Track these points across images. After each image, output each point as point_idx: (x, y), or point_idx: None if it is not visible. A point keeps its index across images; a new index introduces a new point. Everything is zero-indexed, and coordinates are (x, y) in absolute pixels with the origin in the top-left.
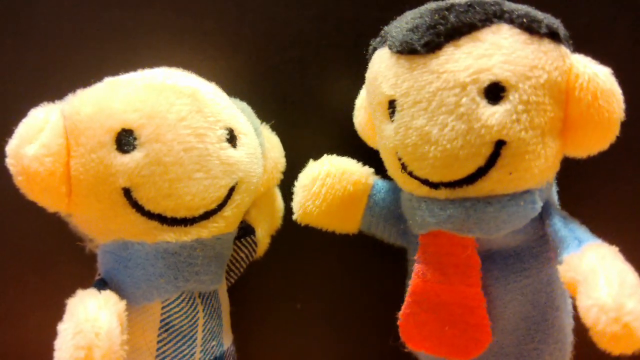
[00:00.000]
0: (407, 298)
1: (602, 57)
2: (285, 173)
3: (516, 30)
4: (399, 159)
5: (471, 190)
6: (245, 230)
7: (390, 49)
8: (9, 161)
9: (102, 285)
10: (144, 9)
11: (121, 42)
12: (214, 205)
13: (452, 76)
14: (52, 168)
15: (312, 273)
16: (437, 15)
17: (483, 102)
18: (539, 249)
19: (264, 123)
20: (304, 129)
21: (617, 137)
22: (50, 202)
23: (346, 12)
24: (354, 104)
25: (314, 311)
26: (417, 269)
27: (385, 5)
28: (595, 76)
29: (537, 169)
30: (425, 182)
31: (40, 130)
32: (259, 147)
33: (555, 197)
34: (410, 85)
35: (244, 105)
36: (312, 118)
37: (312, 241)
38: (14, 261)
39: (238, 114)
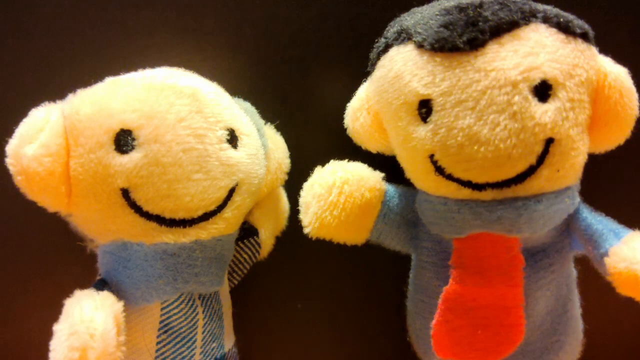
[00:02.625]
0: (440, 306)
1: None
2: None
3: (553, 30)
4: (434, 162)
5: (520, 190)
6: (248, 231)
7: (420, 46)
8: (9, 161)
9: (101, 285)
10: (144, 9)
11: (121, 42)
12: (213, 207)
13: (502, 74)
14: (51, 168)
15: (312, 273)
16: (471, 12)
17: (534, 101)
18: (561, 243)
19: (269, 123)
20: (304, 129)
21: None
22: (49, 202)
23: (346, 12)
24: None
25: (314, 311)
26: (453, 275)
27: (386, 5)
28: (620, 75)
29: (578, 165)
30: (468, 184)
31: (40, 130)
32: (262, 147)
33: None
34: (452, 84)
35: (247, 105)
36: (312, 118)
37: (313, 241)
38: (15, 261)
39: (240, 114)
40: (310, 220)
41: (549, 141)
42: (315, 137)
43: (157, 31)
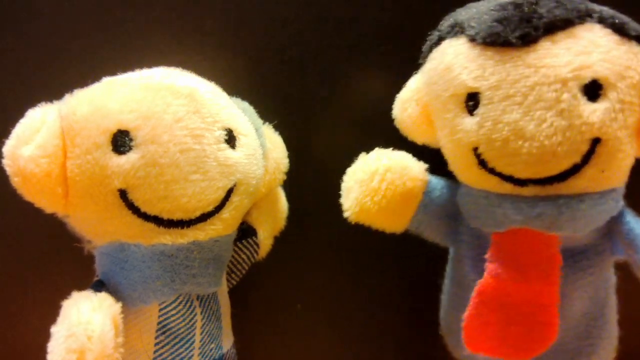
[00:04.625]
0: (474, 299)
1: None
2: (286, 174)
3: (607, 31)
4: (478, 155)
5: (562, 188)
6: (247, 231)
7: (472, 39)
8: (6, 162)
9: (99, 286)
10: (144, 9)
11: (121, 42)
12: (211, 207)
13: (552, 71)
14: (48, 169)
15: (312, 273)
16: (526, 8)
17: (583, 99)
18: (602, 246)
19: (267, 123)
20: (303, 130)
21: None
22: (46, 203)
23: (346, 12)
24: (354, 104)
25: (314, 312)
26: (489, 269)
27: (385, 5)
28: None
29: (625, 168)
30: (509, 178)
31: (37, 131)
32: (260, 147)
33: None
34: (501, 78)
35: (245, 105)
36: (312, 118)
37: (313, 241)
38: (14, 261)
39: (238, 114)
40: (350, 205)
41: (596, 141)
42: (315, 137)
43: (157, 31)
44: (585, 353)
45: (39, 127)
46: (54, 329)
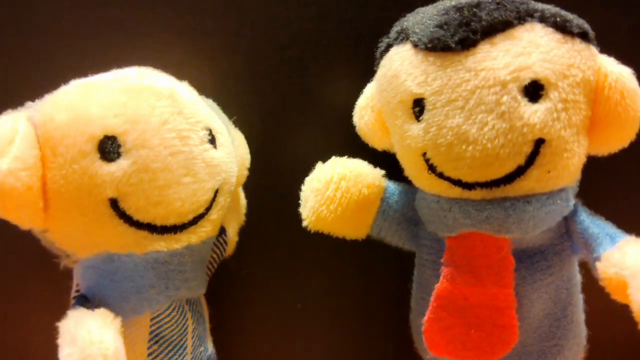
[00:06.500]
0: (432, 303)
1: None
2: (285, 174)
3: (549, 29)
4: (427, 160)
5: (509, 190)
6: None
7: (415, 45)
8: None
9: (84, 302)
10: (144, 9)
11: (121, 41)
12: (202, 210)
13: (492, 74)
14: (29, 182)
15: (312, 273)
16: (466, 11)
17: (524, 101)
18: (560, 246)
19: (229, 119)
20: (303, 129)
21: None
22: (25, 218)
23: (346, 12)
24: (354, 104)
25: (314, 311)
26: (444, 272)
27: (385, 5)
28: (622, 75)
29: (573, 167)
30: (458, 182)
31: (10, 142)
32: (232, 145)
33: None
34: (443, 83)
35: (210, 101)
36: (312, 118)
37: (313, 240)
38: (14, 261)
39: (211, 112)
40: (307, 214)
41: (540, 142)
42: (315, 137)
43: (156, 31)
44: (551, 354)
45: (12, 137)
46: (64, 352)
